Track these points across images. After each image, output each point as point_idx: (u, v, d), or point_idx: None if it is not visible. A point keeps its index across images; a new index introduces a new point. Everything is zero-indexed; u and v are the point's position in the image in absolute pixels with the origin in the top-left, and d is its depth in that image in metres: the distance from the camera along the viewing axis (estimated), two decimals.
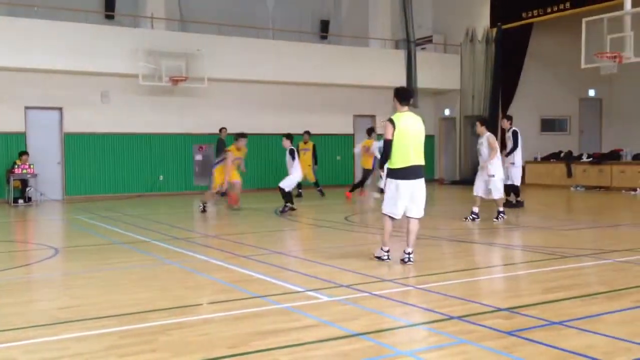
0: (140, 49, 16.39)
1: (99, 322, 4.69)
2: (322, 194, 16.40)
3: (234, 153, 12.74)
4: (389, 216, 6.94)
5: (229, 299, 5.41)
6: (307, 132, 16.86)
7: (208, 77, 17.01)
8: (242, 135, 12.93)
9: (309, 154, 16.44)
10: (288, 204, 12.42)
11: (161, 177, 17.94)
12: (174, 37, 17.29)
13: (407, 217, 6.96)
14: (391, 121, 6.78)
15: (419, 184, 6.90)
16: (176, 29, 18.71)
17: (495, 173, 10.56)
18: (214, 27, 18.40)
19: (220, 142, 17.13)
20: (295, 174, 12.60)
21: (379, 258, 7.04)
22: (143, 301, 5.34)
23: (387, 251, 7.03)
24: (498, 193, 10.60)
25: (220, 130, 17.30)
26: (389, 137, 6.77)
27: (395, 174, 6.82)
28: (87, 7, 18.33)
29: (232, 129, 18.12)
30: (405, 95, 6.98)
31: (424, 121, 7.14)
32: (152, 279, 6.39)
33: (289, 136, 12.84)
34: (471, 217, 10.76)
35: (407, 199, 6.83)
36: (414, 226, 6.92)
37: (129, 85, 16.92)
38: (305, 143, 16.55)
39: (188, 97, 17.92)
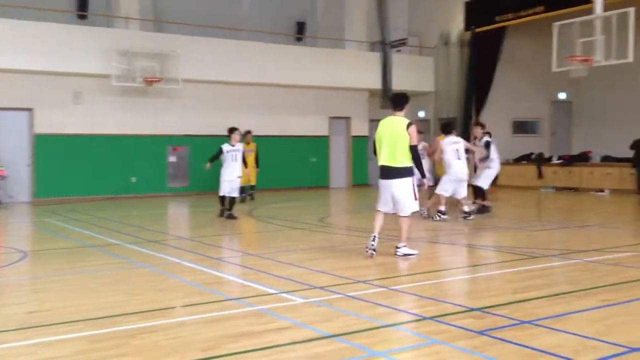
0: (114, 49, 16.18)
1: (68, 327, 4.62)
2: (252, 197, 15.90)
3: None
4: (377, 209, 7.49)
5: (202, 301, 5.37)
6: (249, 132, 16.03)
7: (182, 78, 16.87)
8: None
9: (253, 155, 15.79)
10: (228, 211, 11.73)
11: (133, 179, 17.72)
12: (148, 38, 17.12)
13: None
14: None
15: (393, 184, 7.28)
16: (150, 29, 18.52)
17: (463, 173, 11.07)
18: (188, 27, 18.25)
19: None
20: (232, 174, 11.72)
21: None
22: (114, 305, 5.28)
23: (374, 240, 7.26)
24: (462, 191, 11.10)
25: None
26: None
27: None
28: (59, 6, 18.05)
29: (207, 130, 18.07)
30: (395, 102, 7.68)
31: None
32: (123, 282, 6.32)
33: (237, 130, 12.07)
34: (438, 216, 10.95)
35: (383, 195, 7.36)
36: (400, 222, 7.37)
37: (102, 85, 16.68)
38: (248, 144, 15.61)
39: (162, 98, 17.74)
